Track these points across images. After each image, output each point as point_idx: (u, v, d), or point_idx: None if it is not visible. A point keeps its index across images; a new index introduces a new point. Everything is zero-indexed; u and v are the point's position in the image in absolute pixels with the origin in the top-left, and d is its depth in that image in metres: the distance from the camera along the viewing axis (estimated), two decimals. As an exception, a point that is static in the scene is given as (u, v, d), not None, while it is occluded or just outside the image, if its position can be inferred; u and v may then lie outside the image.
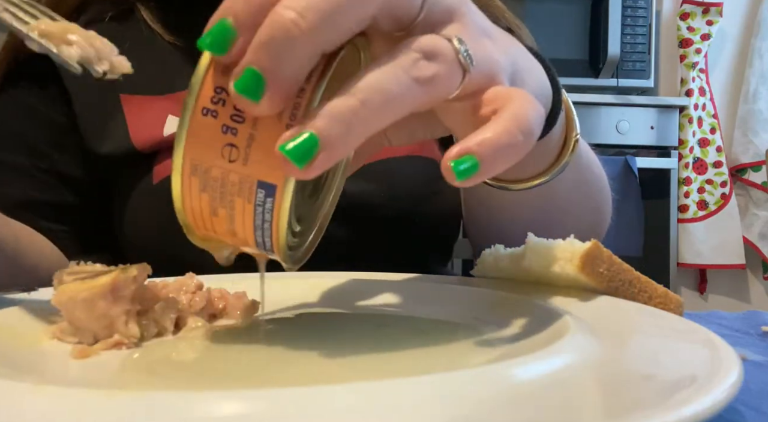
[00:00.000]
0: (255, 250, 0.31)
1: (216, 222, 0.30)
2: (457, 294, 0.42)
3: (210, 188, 0.29)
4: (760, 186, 2.55)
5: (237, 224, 0.29)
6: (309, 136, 0.26)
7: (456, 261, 1.12)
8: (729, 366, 0.24)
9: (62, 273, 0.34)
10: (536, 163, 0.44)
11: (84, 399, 0.21)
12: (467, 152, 0.28)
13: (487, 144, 0.28)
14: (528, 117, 0.30)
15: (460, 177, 0.28)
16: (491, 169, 0.29)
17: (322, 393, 0.21)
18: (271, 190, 0.28)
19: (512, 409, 0.22)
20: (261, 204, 0.28)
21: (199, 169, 0.29)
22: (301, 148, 0.26)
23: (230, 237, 0.31)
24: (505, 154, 0.29)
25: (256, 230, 0.29)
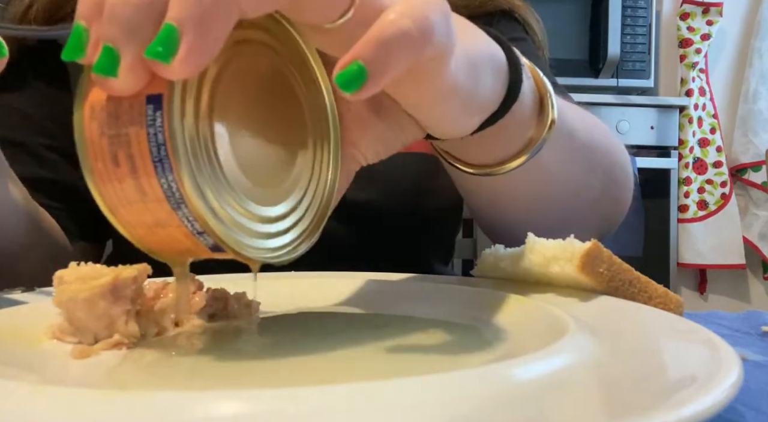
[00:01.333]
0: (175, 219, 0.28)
1: (122, 181, 0.27)
2: (457, 294, 0.42)
3: (106, 126, 0.27)
4: (760, 186, 2.55)
5: (138, 167, 0.27)
6: (166, 26, 0.25)
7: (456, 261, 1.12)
8: (729, 366, 0.24)
9: (63, 274, 0.34)
10: (508, 142, 0.43)
11: (84, 399, 0.21)
12: (351, 58, 0.26)
13: (371, 41, 0.26)
14: (420, 7, 0.27)
15: (347, 88, 0.26)
16: (382, 70, 0.26)
17: (322, 393, 0.21)
18: (159, 100, 0.26)
19: (512, 409, 0.22)
20: (152, 121, 0.26)
21: (96, 109, 0.27)
22: (161, 40, 0.25)
23: (143, 203, 0.28)
24: (394, 47, 0.26)
25: (155, 165, 0.26)
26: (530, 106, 0.42)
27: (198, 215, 0.27)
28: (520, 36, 0.70)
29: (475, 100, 0.36)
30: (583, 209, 0.56)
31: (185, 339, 0.34)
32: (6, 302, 0.39)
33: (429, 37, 0.27)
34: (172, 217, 0.28)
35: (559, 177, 0.50)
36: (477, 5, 0.68)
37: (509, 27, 0.70)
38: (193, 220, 0.28)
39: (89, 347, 0.31)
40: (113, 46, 0.26)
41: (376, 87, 0.26)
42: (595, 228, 0.59)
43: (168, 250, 0.31)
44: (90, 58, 0.27)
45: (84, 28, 0.27)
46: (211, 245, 0.29)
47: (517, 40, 0.69)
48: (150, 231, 0.29)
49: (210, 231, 0.28)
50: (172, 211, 0.28)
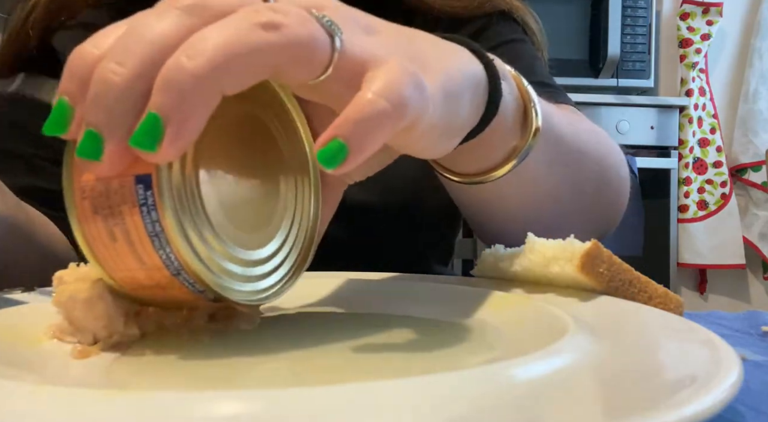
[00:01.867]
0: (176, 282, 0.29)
1: (121, 253, 0.28)
2: (457, 294, 0.42)
3: (99, 206, 0.28)
4: (760, 186, 2.55)
5: (135, 241, 0.28)
6: (150, 116, 0.25)
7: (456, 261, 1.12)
8: (729, 366, 0.24)
9: (62, 274, 0.34)
10: (492, 152, 0.43)
11: (84, 399, 0.21)
12: (332, 137, 0.27)
13: (349, 121, 0.27)
14: (396, 83, 0.28)
15: (329, 165, 0.27)
16: (361, 147, 0.27)
17: (322, 393, 0.21)
18: (148, 180, 0.27)
19: (512, 409, 0.22)
20: (144, 201, 0.27)
21: (86, 189, 0.28)
22: (146, 130, 0.25)
23: (143, 271, 0.29)
24: (372, 126, 0.27)
25: (152, 240, 0.28)
26: (513, 115, 0.42)
27: (197, 277, 0.29)
28: (519, 37, 0.70)
29: (453, 126, 0.36)
30: (575, 213, 0.56)
31: (185, 340, 0.34)
32: (6, 302, 0.39)
33: (404, 112, 0.28)
34: (173, 282, 0.29)
35: (549, 182, 0.50)
36: (475, 6, 0.68)
37: (507, 28, 0.70)
38: (194, 282, 0.29)
39: (89, 347, 0.31)
40: (96, 130, 0.26)
41: (356, 162, 0.28)
42: (590, 231, 0.59)
43: (169, 305, 0.33)
44: (73, 134, 0.27)
45: (68, 105, 0.27)
46: (212, 298, 0.31)
47: (515, 41, 0.69)
48: (151, 292, 0.31)
49: (210, 289, 0.30)
50: (172, 276, 0.29)
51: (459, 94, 0.35)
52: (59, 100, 0.27)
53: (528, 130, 0.43)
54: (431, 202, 0.66)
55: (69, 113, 0.27)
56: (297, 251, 0.36)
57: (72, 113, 0.27)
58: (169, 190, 0.27)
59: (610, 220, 0.62)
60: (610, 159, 0.58)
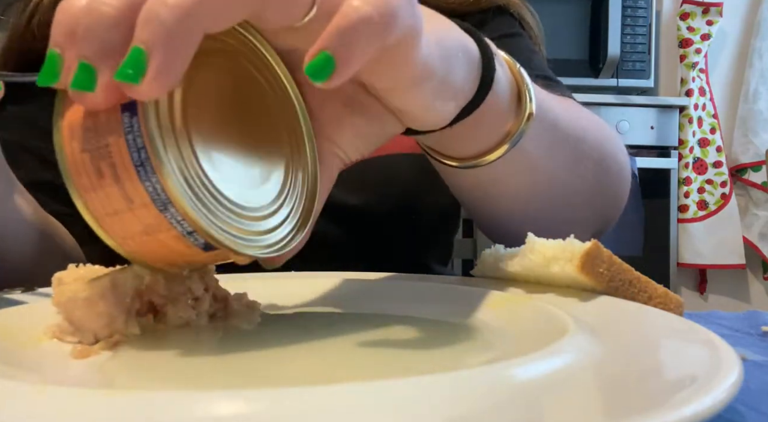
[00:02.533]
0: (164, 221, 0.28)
1: (109, 192, 0.28)
2: (457, 294, 0.42)
3: (86, 141, 0.27)
4: (760, 186, 2.55)
5: (121, 175, 0.27)
6: (134, 50, 0.25)
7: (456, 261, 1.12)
8: (729, 366, 0.24)
9: (62, 275, 0.34)
10: (485, 134, 0.43)
11: (84, 399, 0.21)
12: (318, 49, 0.27)
13: (336, 30, 0.27)
14: None
15: (317, 78, 0.27)
16: (349, 58, 0.27)
17: (322, 393, 0.21)
18: (134, 107, 0.27)
19: (512, 409, 0.22)
20: (129, 128, 0.27)
21: (75, 127, 0.28)
22: (130, 63, 0.25)
23: (131, 211, 0.28)
24: (359, 34, 0.27)
25: (138, 170, 0.27)
26: (507, 97, 0.42)
27: (185, 213, 0.27)
28: (516, 31, 0.70)
29: (448, 85, 0.36)
30: (574, 202, 0.55)
31: (185, 339, 0.34)
32: (6, 302, 0.39)
33: (392, 21, 0.28)
34: (160, 221, 0.28)
35: (546, 168, 0.50)
36: (471, 2, 0.68)
37: (504, 23, 0.70)
38: (182, 220, 0.28)
39: (89, 347, 0.31)
40: (89, 62, 0.26)
41: (346, 74, 0.27)
42: (590, 222, 0.59)
43: (162, 259, 0.31)
44: (64, 82, 0.28)
45: (58, 55, 0.28)
46: (203, 244, 0.29)
47: (512, 35, 0.69)
48: (141, 241, 0.29)
49: (200, 228, 0.28)
50: (160, 213, 0.28)
51: (452, 53, 0.35)
52: (50, 51, 0.28)
53: (522, 113, 0.43)
54: (429, 203, 0.66)
55: (59, 62, 0.27)
56: (298, 211, 0.34)
57: (62, 62, 0.27)
58: (155, 118, 0.27)
59: (612, 209, 0.61)
60: (608, 146, 0.57)
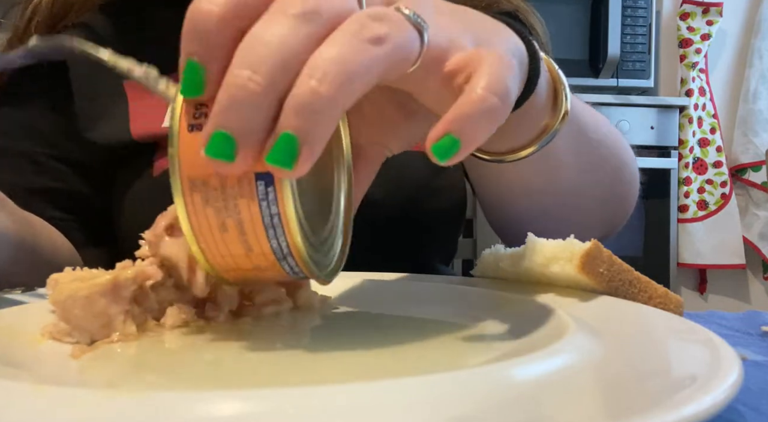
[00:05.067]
0: (277, 266, 0.31)
1: (228, 241, 0.30)
2: (457, 294, 0.42)
3: (212, 199, 0.29)
4: (760, 186, 2.55)
5: (247, 230, 0.29)
6: (286, 137, 0.26)
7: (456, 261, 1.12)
8: (729, 366, 0.24)
9: (58, 277, 0.34)
10: (522, 131, 0.44)
11: (84, 399, 0.21)
12: (445, 132, 0.29)
13: (462, 117, 0.29)
14: (502, 77, 0.30)
15: (442, 158, 0.29)
16: (472, 141, 0.29)
17: (322, 393, 0.21)
18: (270, 178, 0.28)
19: (512, 409, 0.22)
20: (264, 196, 0.28)
21: (197, 183, 0.29)
22: (284, 150, 0.26)
23: (247, 257, 0.30)
24: (483, 121, 0.29)
25: (267, 230, 0.29)
26: (545, 96, 0.43)
27: (304, 264, 0.31)
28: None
29: None
30: (590, 202, 0.56)
31: (185, 339, 0.34)
32: (6, 302, 0.39)
33: (510, 103, 0.30)
34: (274, 266, 0.31)
35: (570, 168, 0.51)
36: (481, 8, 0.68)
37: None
38: (295, 266, 0.31)
39: (87, 347, 0.31)
40: (231, 134, 0.27)
41: (465, 154, 0.29)
42: (598, 227, 0.60)
43: (249, 283, 0.36)
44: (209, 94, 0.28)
45: (198, 66, 0.28)
46: (300, 275, 0.32)
47: None
48: (245, 273, 0.32)
49: (306, 268, 0.31)
50: (276, 261, 0.31)
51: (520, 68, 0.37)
52: (189, 61, 0.28)
53: (558, 111, 0.44)
54: (434, 203, 0.66)
55: (202, 74, 0.28)
56: (340, 228, 0.38)
57: (204, 73, 0.28)
58: (290, 188, 0.29)
59: (620, 217, 0.62)
60: (624, 154, 0.58)
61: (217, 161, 0.27)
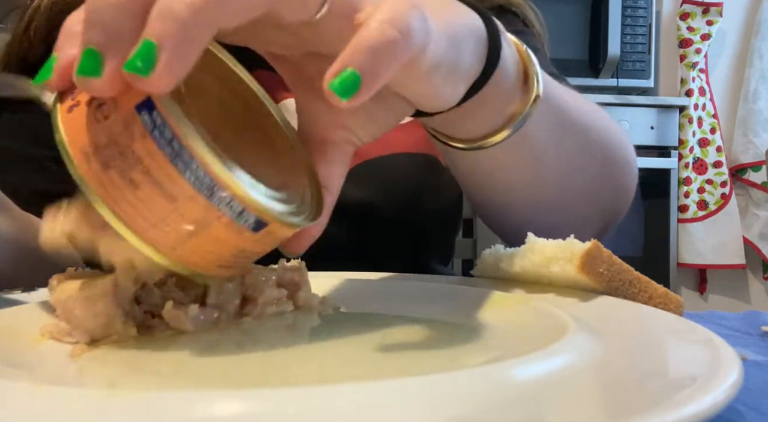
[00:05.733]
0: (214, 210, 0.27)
1: (147, 199, 0.27)
2: (457, 294, 0.42)
3: (109, 158, 0.27)
4: (760, 186, 2.55)
5: (157, 175, 0.27)
6: (145, 42, 0.25)
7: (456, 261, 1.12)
8: (729, 366, 0.24)
9: (58, 277, 0.34)
10: (491, 114, 0.43)
11: (84, 399, 0.21)
12: (342, 66, 0.27)
13: (361, 49, 0.27)
14: (403, 14, 0.28)
15: (344, 95, 0.27)
16: (374, 77, 0.27)
17: (322, 393, 0.21)
18: (150, 104, 0.26)
19: (512, 409, 0.22)
20: (151, 125, 0.26)
21: (88, 150, 0.27)
22: (140, 55, 0.25)
23: (176, 211, 0.27)
24: (383, 54, 0.28)
25: (175, 163, 0.26)
26: (513, 77, 0.42)
27: (233, 190, 0.27)
28: (519, 28, 0.70)
29: (457, 71, 0.36)
30: (581, 191, 0.55)
31: (186, 340, 0.34)
32: (6, 302, 0.39)
33: (411, 40, 0.29)
34: (209, 210, 0.27)
35: (551, 154, 0.50)
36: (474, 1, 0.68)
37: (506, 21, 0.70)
38: (231, 200, 0.28)
39: (89, 347, 0.31)
40: (96, 48, 0.26)
41: (369, 93, 0.28)
42: (597, 217, 0.59)
43: (213, 260, 0.30)
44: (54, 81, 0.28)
45: (55, 56, 0.28)
46: (253, 223, 0.29)
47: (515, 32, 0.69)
48: (191, 244, 0.29)
49: (249, 202, 0.28)
50: (207, 200, 0.27)
51: (460, 38, 0.36)
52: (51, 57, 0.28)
53: (529, 95, 0.43)
54: (431, 203, 0.66)
55: (53, 63, 0.28)
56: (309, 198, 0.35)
57: (55, 62, 0.28)
58: (172, 105, 0.27)
59: (618, 203, 0.61)
60: (614, 137, 0.57)
61: (85, 80, 0.26)
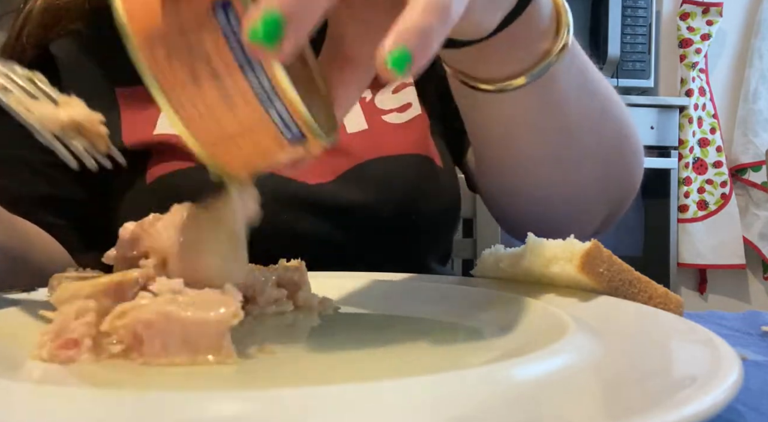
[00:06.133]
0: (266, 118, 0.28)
1: (206, 95, 0.27)
2: (457, 294, 0.42)
3: (174, 46, 0.26)
4: (760, 186, 2.55)
5: (221, 73, 0.27)
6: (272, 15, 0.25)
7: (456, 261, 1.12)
8: (729, 366, 0.24)
9: (59, 277, 0.34)
10: (520, 52, 0.44)
11: (84, 399, 0.21)
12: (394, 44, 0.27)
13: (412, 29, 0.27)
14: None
15: (399, 71, 0.27)
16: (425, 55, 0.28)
17: (322, 393, 0.21)
18: (227, 4, 0.26)
19: (512, 409, 0.22)
20: (227, 25, 0.26)
21: (154, 38, 0.26)
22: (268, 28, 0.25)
23: (230, 111, 0.28)
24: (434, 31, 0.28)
25: (242, 67, 0.27)
26: (547, 17, 0.43)
27: (290, 100, 0.28)
28: None
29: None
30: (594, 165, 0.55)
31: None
32: (6, 302, 0.39)
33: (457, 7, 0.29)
34: (261, 115, 0.28)
35: (573, 115, 0.50)
36: None
37: None
38: (284, 109, 0.28)
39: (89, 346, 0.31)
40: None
41: (421, 65, 0.28)
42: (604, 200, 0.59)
43: (243, 164, 0.31)
44: None
45: None
46: (295, 135, 0.29)
47: None
48: (231, 143, 0.29)
49: (300, 115, 0.28)
50: (262, 106, 0.28)
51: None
52: None
53: (557, 43, 0.44)
54: (430, 203, 0.66)
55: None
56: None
57: None
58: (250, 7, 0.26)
59: (626, 189, 0.61)
60: (627, 117, 0.58)
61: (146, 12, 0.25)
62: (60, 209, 0.66)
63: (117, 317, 0.30)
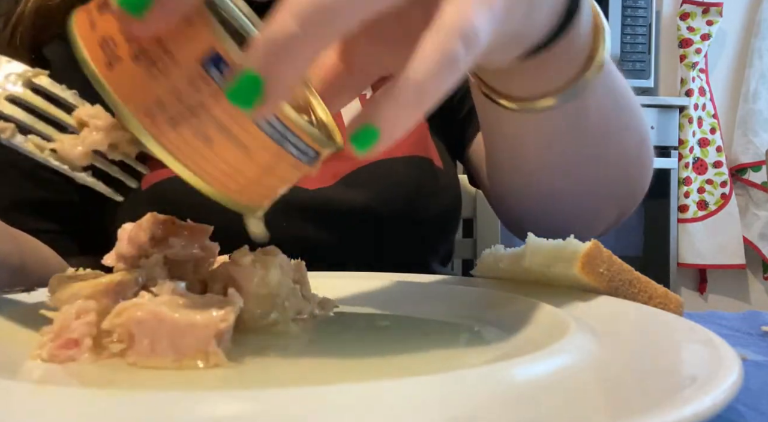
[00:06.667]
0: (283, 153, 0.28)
1: (218, 150, 0.27)
2: (457, 294, 0.42)
3: (176, 115, 0.26)
4: (760, 186, 2.55)
5: (231, 127, 0.26)
6: (248, 76, 0.24)
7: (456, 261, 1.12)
8: (729, 366, 0.24)
9: (59, 278, 0.34)
10: (555, 72, 0.41)
11: (84, 399, 0.21)
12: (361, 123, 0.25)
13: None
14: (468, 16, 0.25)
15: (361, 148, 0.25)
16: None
17: (322, 393, 0.21)
18: (215, 55, 0.25)
19: (512, 409, 0.22)
20: (221, 78, 0.25)
21: (152, 107, 0.26)
22: (245, 90, 0.24)
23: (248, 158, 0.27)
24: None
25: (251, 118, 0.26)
26: (586, 34, 0.40)
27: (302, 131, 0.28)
28: None
29: (522, 36, 0.35)
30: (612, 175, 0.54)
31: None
32: (6, 302, 0.39)
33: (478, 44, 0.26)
34: (279, 154, 0.28)
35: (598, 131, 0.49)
36: None
37: None
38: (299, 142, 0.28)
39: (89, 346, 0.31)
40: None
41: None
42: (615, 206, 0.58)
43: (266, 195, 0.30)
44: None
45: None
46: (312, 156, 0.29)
47: None
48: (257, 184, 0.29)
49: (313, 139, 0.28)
50: (278, 146, 0.27)
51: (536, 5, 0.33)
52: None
53: (594, 60, 0.41)
54: (431, 205, 0.66)
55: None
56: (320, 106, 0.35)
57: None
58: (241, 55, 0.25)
59: (636, 195, 0.60)
60: (646, 128, 0.57)
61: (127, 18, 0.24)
62: (53, 213, 0.65)
63: (116, 315, 0.30)
